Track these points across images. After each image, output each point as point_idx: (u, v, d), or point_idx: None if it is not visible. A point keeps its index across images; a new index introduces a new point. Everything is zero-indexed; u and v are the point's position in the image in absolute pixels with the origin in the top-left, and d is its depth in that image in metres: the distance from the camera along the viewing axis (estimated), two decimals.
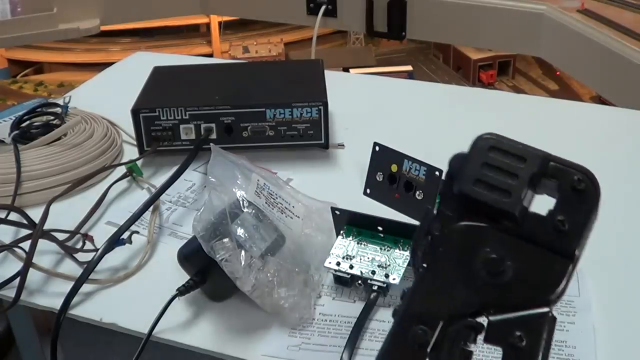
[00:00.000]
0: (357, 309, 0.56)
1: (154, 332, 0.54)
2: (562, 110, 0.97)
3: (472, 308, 0.37)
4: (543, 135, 0.87)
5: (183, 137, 0.77)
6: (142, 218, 0.66)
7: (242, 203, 0.58)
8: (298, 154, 0.81)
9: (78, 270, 0.60)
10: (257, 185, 0.61)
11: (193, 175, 0.77)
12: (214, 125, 0.77)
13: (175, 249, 0.58)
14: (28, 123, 0.82)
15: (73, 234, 0.65)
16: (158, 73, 0.88)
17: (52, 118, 0.83)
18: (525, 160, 0.37)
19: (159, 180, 0.74)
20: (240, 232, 0.55)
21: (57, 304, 0.57)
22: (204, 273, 0.56)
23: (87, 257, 0.61)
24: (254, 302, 0.54)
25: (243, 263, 0.53)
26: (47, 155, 0.75)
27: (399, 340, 0.37)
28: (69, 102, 0.85)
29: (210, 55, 6.43)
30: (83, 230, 0.66)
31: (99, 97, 0.97)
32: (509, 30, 1.47)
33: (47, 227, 0.61)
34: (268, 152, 0.80)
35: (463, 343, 0.37)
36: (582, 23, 1.36)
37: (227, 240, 0.53)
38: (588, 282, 0.58)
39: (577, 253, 0.37)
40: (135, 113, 0.77)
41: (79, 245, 0.63)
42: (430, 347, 0.36)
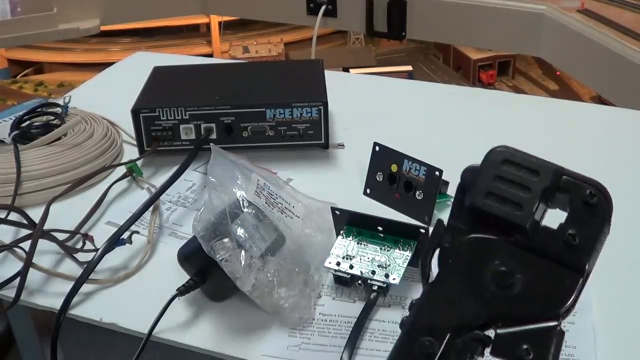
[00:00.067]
0: (357, 309, 0.56)
1: (154, 332, 0.54)
2: (562, 110, 0.97)
3: (480, 320, 0.37)
4: (543, 135, 0.87)
5: (183, 137, 0.77)
6: (142, 218, 0.66)
7: (242, 203, 0.58)
8: (298, 154, 0.81)
9: (78, 270, 0.60)
10: (257, 185, 0.61)
11: (193, 175, 0.77)
12: (214, 125, 0.77)
13: (175, 249, 0.58)
14: (28, 123, 0.82)
15: (73, 234, 0.64)
16: (158, 73, 0.88)
17: (52, 118, 0.83)
18: (538, 174, 0.37)
19: (159, 180, 0.74)
20: (240, 232, 0.55)
21: (57, 304, 0.57)
22: (204, 273, 0.56)
23: (87, 257, 0.61)
24: (254, 302, 0.54)
25: (243, 263, 0.53)
26: (47, 155, 0.75)
27: (406, 351, 0.37)
28: (69, 102, 0.85)
29: (210, 55, 6.43)
30: (83, 230, 0.66)
31: (99, 97, 0.97)
32: (509, 30, 1.47)
33: (47, 227, 0.61)
34: (268, 152, 0.80)
35: (470, 356, 0.37)
36: (582, 23, 1.36)
37: (227, 240, 0.53)
38: (588, 282, 0.58)
39: (587, 267, 0.37)
40: (135, 113, 0.77)
41: (79, 245, 0.63)
42: (437, 358, 0.36)
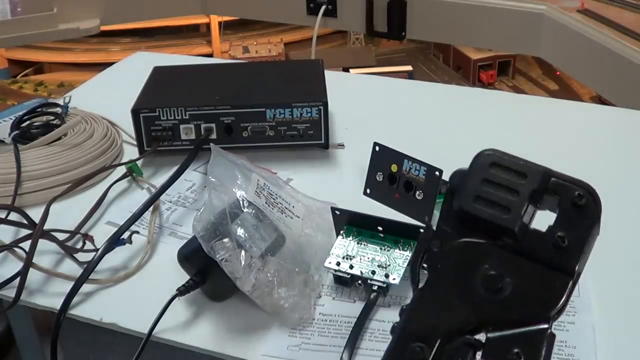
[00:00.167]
0: (357, 309, 0.56)
1: (154, 332, 0.54)
2: (562, 110, 0.97)
3: (470, 325, 0.37)
4: (543, 135, 0.87)
5: (183, 137, 0.77)
6: (142, 218, 0.66)
7: (242, 203, 0.58)
8: (298, 154, 0.81)
9: (78, 270, 0.60)
10: (257, 185, 0.61)
11: (193, 175, 0.77)
12: (214, 125, 0.77)
13: (175, 249, 0.58)
14: (28, 123, 0.82)
15: (73, 234, 0.64)
16: (158, 73, 0.88)
17: (52, 118, 0.83)
18: (526, 176, 0.37)
19: (159, 180, 0.74)
20: (240, 232, 0.55)
21: (57, 304, 0.57)
22: (204, 273, 0.56)
23: (87, 257, 0.61)
24: (254, 302, 0.54)
25: (243, 263, 0.53)
26: (47, 155, 0.75)
27: (397, 358, 0.37)
28: (69, 102, 0.85)
29: (210, 55, 6.44)
30: (83, 230, 0.66)
31: (99, 97, 0.97)
32: (509, 30, 1.47)
33: (47, 227, 0.61)
34: (268, 152, 0.80)
35: None
36: (582, 23, 1.36)
37: (227, 240, 0.53)
38: (588, 282, 0.58)
39: (577, 269, 0.36)
40: (135, 113, 0.77)
41: (79, 245, 0.63)
42: None
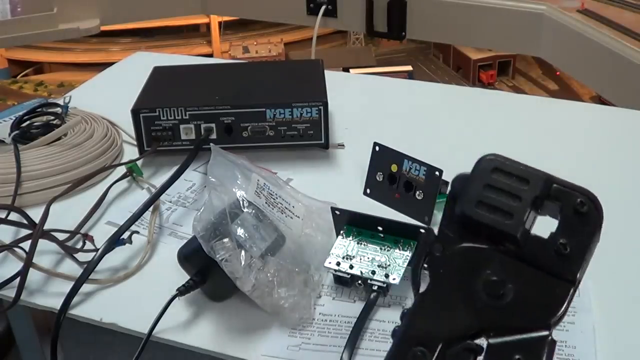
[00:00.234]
0: (357, 309, 0.56)
1: (154, 332, 0.53)
2: (562, 110, 0.97)
3: (471, 330, 0.37)
4: (543, 135, 0.87)
5: (183, 137, 0.77)
6: (142, 218, 0.66)
7: (242, 203, 0.58)
8: (298, 154, 0.81)
9: (78, 270, 0.60)
10: (257, 185, 0.61)
11: (193, 175, 0.77)
12: (214, 125, 0.77)
13: (175, 249, 0.58)
14: (28, 123, 0.82)
15: (73, 234, 0.64)
16: (158, 73, 0.88)
17: (52, 118, 0.83)
18: (528, 182, 0.37)
19: (159, 180, 0.74)
20: (240, 232, 0.55)
21: (57, 304, 0.57)
22: (204, 273, 0.56)
23: (87, 257, 0.61)
24: (254, 302, 0.54)
25: (243, 263, 0.53)
26: (47, 155, 0.75)
27: None
28: (69, 102, 0.85)
29: (210, 55, 6.43)
30: (83, 230, 0.66)
31: (99, 97, 0.97)
32: (509, 30, 1.47)
33: (47, 227, 0.61)
34: (268, 152, 0.80)
35: None
36: (582, 23, 1.36)
37: (227, 240, 0.53)
38: (588, 282, 0.58)
39: (578, 276, 0.36)
40: (135, 113, 0.77)
41: (79, 245, 0.63)
42: None
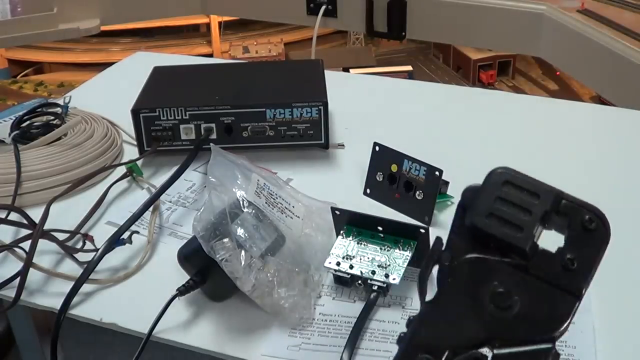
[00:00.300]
0: (357, 309, 0.56)
1: (154, 332, 0.53)
2: (562, 110, 0.97)
3: (477, 340, 0.37)
4: (543, 135, 0.87)
5: (183, 137, 0.77)
6: (142, 218, 0.66)
7: (242, 203, 0.58)
8: (298, 154, 0.81)
9: (78, 270, 0.60)
10: (257, 185, 0.61)
11: (193, 175, 0.77)
12: (214, 125, 0.77)
13: (175, 249, 0.58)
14: (28, 123, 0.82)
15: (73, 234, 0.64)
16: (158, 73, 0.88)
17: (52, 118, 0.83)
18: (539, 197, 0.38)
19: (159, 180, 0.74)
20: (240, 232, 0.55)
21: (57, 304, 0.57)
22: (204, 273, 0.56)
23: (87, 257, 0.61)
24: (254, 302, 0.54)
25: (243, 263, 0.53)
26: (47, 155, 0.75)
27: None
28: (69, 102, 0.85)
29: (210, 55, 6.45)
30: (83, 230, 0.66)
31: (99, 97, 0.97)
32: (509, 30, 1.47)
33: (47, 227, 0.61)
34: (268, 152, 0.80)
35: None
36: (582, 23, 1.36)
37: (227, 240, 0.53)
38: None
39: (583, 292, 0.37)
40: (135, 113, 0.77)
41: (79, 245, 0.63)
42: None
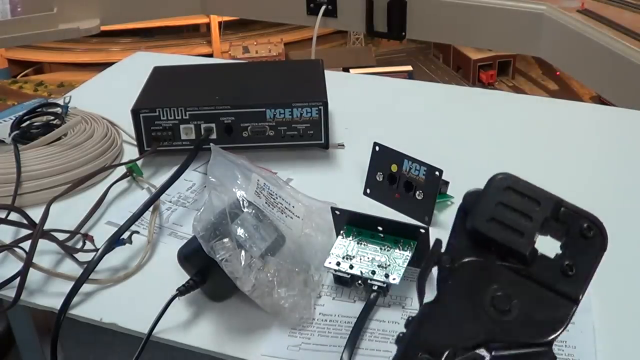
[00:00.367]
0: (357, 309, 0.56)
1: (154, 332, 0.53)
2: (562, 110, 0.97)
3: (476, 341, 0.38)
4: (543, 135, 0.87)
5: (183, 137, 0.77)
6: (142, 218, 0.66)
7: (242, 203, 0.58)
8: (298, 154, 0.81)
9: (78, 270, 0.60)
10: (257, 185, 0.61)
11: (193, 175, 0.77)
12: (214, 125, 0.77)
13: (175, 249, 0.58)
14: (28, 123, 0.82)
15: (73, 234, 0.64)
16: (158, 73, 0.88)
17: (52, 118, 0.83)
18: (539, 203, 0.38)
19: (159, 180, 0.74)
20: (240, 232, 0.55)
21: (57, 304, 0.57)
22: (204, 273, 0.56)
23: (87, 257, 0.61)
24: (254, 302, 0.54)
25: (243, 263, 0.53)
26: (47, 155, 0.75)
27: None
28: (69, 102, 0.85)
29: (210, 55, 6.45)
30: (83, 230, 0.66)
31: (99, 97, 0.97)
32: (509, 30, 1.47)
33: (47, 227, 0.61)
34: (268, 152, 0.80)
35: None
36: (582, 23, 1.36)
37: (227, 240, 0.53)
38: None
39: (580, 297, 0.38)
40: (135, 113, 0.77)
41: (79, 245, 0.63)
42: None
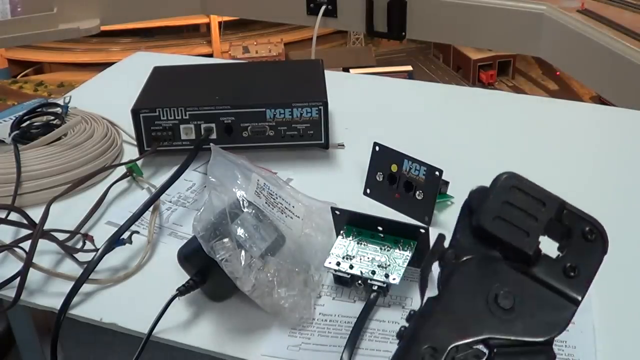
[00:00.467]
0: (357, 309, 0.56)
1: (154, 332, 0.53)
2: (562, 110, 0.97)
3: (479, 337, 0.38)
4: (543, 135, 0.87)
5: (183, 137, 0.77)
6: (142, 218, 0.66)
7: (242, 203, 0.58)
8: (298, 154, 0.81)
9: (78, 270, 0.60)
10: (257, 185, 0.61)
11: (193, 175, 0.77)
12: (214, 125, 0.77)
13: (175, 249, 0.58)
14: (28, 123, 0.82)
15: (73, 234, 0.64)
16: (158, 73, 0.88)
17: (52, 118, 0.83)
18: (544, 204, 0.39)
19: (159, 180, 0.74)
20: (240, 232, 0.55)
21: (57, 304, 0.57)
22: (204, 273, 0.56)
23: (87, 257, 0.61)
24: (254, 302, 0.54)
25: (243, 263, 0.53)
26: (47, 155, 0.75)
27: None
28: (69, 102, 0.85)
29: (210, 55, 6.45)
30: (83, 230, 0.66)
31: (99, 97, 0.97)
32: (509, 30, 1.47)
33: (47, 227, 0.61)
34: (268, 152, 0.80)
35: None
36: (582, 23, 1.36)
37: (227, 240, 0.53)
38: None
39: (581, 298, 0.38)
40: (136, 113, 0.77)
41: (79, 245, 0.63)
42: None
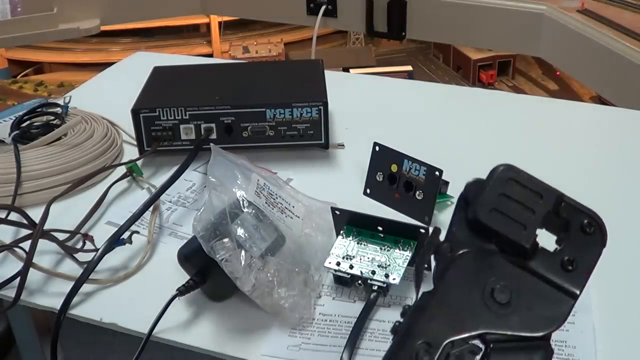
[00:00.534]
0: (357, 309, 0.56)
1: (154, 332, 0.54)
2: (562, 110, 0.97)
3: (475, 332, 0.38)
4: (543, 135, 0.87)
5: (183, 137, 0.77)
6: (142, 218, 0.66)
7: (242, 203, 0.58)
8: (298, 154, 0.81)
9: (78, 270, 0.60)
10: (257, 185, 0.61)
11: (193, 175, 0.77)
12: (214, 125, 0.77)
13: (175, 249, 0.58)
14: (28, 123, 0.82)
15: (73, 234, 0.64)
16: (158, 73, 0.88)
17: (52, 118, 0.83)
18: (542, 197, 0.38)
19: (159, 180, 0.74)
20: (240, 232, 0.55)
21: (57, 304, 0.57)
22: (204, 273, 0.56)
23: (87, 257, 0.61)
24: (254, 302, 0.54)
25: (243, 263, 0.53)
26: (47, 155, 0.75)
27: (403, 356, 0.37)
28: (69, 102, 0.85)
29: (210, 55, 6.45)
30: (83, 230, 0.66)
31: (99, 97, 0.97)
32: (509, 30, 1.47)
33: (47, 227, 0.61)
34: (268, 152, 0.80)
35: None
36: (582, 23, 1.36)
37: (227, 240, 0.53)
38: (588, 282, 0.58)
39: (579, 293, 0.38)
40: (135, 113, 0.77)
41: (79, 245, 0.63)
42: None
